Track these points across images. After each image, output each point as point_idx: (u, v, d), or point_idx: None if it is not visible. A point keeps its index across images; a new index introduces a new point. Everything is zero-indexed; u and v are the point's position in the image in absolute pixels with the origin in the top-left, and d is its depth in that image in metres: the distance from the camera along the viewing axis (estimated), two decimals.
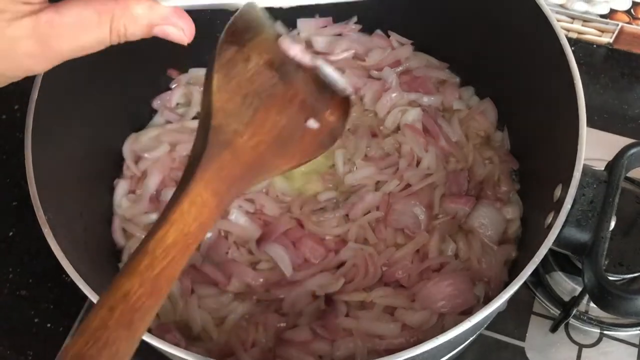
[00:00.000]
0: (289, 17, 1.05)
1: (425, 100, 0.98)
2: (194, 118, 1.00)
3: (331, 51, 1.04)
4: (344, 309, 0.81)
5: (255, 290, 0.83)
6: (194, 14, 0.98)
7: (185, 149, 0.94)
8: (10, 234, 1.02)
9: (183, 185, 0.52)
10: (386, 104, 0.97)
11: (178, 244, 0.49)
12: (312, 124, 0.63)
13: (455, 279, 0.81)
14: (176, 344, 0.77)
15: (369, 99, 0.99)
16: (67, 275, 0.66)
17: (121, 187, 0.93)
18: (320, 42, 1.05)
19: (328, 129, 0.65)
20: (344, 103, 0.68)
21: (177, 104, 1.02)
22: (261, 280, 0.83)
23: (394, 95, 0.97)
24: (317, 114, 0.63)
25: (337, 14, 1.06)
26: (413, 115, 0.95)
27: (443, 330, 0.60)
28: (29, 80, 0.77)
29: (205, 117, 0.56)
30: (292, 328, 0.80)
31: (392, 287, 0.83)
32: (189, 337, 0.81)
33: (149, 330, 0.80)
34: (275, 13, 1.03)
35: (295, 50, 0.66)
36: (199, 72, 1.04)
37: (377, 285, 0.83)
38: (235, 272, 0.83)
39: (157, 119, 1.01)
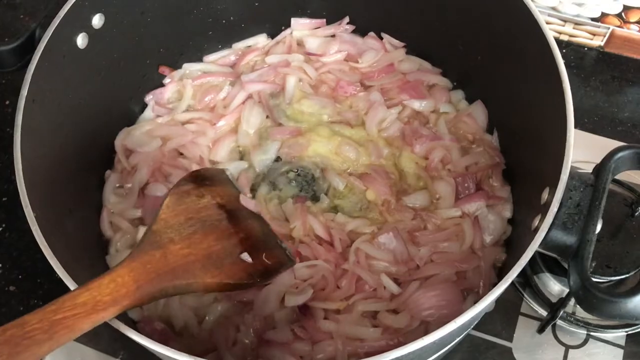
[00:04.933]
0: (282, 17, 1.06)
1: (417, 105, 0.99)
2: (185, 111, 1.01)
3: (324, 52, 1.04)
4: (321, 314, 0.81)
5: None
6: (188, 10, 0.99)
7: (175, 143, 0.95)
8: (0, 229, 1.02)
9: (115, 265, 0.64)
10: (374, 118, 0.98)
11: (87, 305, 0.59)
12: (246, 257, 0.75)
13: (443, 289, 0.81)
14: (164, 335, 0.78)
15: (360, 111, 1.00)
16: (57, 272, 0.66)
17: (111, 180, 0.94)
18: (312, 43, 1.06)
19: (262, 267, 0.76)
20: (283, 258, 0.81)
21: (169, 100, 1.03)
22: None
23: (380, 110, 0.98)
24: (254, 253, 0.75)
25: (329, 15, 1.07)
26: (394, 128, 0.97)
27: (427, 332, 0.60)
28: (19, 76, 0.77)
29: (152, 221, 0.71)
30: (273, 329, 0.80)
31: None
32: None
33: (134, 324, 0.80)
34: (267, 12, 1.04)
35: (251, 206, 0.86)
36: (192, 67, 1.05)
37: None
38: None
39: (147, 113, 1.01)
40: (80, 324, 0.58)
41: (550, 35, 0.77)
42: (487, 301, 0.63)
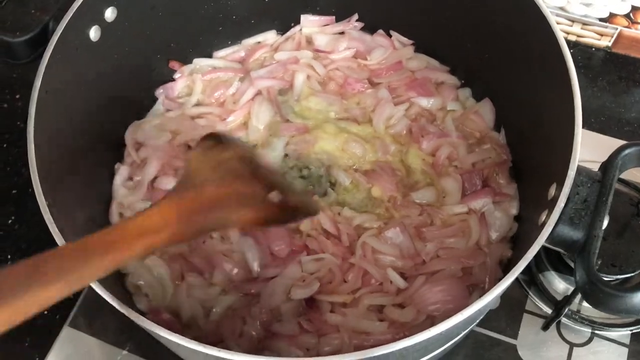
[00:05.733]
0: (291, 13, 1.07)
1: (424, 102, 0.99)
2: (195, 105, 1.01)
3: (332, 49, 1.05)
4: (327, 307, 0.82)
5: (236, 284, 0.84)
6: (199, 5, 1.00)
7: (185, 137, 0.96)
8: (9, 221, 1.03)
9: (157, 202, 0.69)
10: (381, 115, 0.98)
11: (139, 229, 0.64)
12: (274, 196, 0.76)
13: (449, 285, 0.82)
14: (171, 326, 0.79)
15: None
16: None
17: (121, 172, 0.94)
18: (321, 40, 1.06)
19: (291, 205, 0.78)
20: (308, 202, 0.88)
21: (179, 94, 1.04)
22: (236, 270, 0.85)
23: (387, 107, 0.98)
24: (282, 193, 0.77)
25: (338, 12, 1.07)
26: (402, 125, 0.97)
27: (433, 324, 0.61)
28: (30, 70, 0.78)
29: (183, 169, 0.76)
30: (279, 322, 0.81)
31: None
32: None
33: (143, 314, 0.81)
34: (277, 9, 1.05)
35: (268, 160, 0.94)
36: (202, 62, 1.06)
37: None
38: (217, 263, 0.85)
39: (158, 107, 1.02)
40: (133, 244, 0.62)
41: (560, 34, 0.78)
42: (493, 294, 0.63)
